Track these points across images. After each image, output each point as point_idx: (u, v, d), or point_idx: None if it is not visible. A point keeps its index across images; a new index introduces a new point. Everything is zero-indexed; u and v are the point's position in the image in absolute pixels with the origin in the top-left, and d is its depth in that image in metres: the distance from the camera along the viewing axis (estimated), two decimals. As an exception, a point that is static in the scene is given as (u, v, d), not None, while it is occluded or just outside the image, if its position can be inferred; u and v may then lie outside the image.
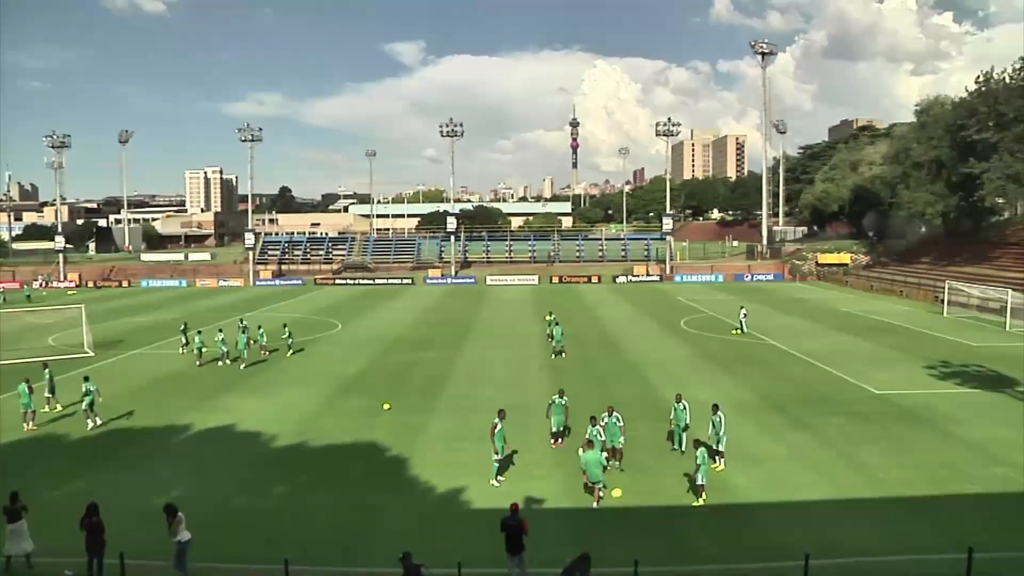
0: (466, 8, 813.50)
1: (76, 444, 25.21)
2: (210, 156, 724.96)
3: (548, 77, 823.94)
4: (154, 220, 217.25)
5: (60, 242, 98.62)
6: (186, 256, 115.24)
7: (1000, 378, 32.61)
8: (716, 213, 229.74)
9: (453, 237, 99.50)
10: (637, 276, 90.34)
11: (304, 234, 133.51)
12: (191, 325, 44.51)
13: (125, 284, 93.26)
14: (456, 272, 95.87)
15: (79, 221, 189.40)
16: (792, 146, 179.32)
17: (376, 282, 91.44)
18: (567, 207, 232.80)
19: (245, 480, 21.43)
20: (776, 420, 26.59)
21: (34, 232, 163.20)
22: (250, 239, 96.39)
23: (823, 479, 20.60)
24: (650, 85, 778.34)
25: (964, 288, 54.48)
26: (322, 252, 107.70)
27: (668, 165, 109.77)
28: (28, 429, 26.47)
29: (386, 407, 28.61)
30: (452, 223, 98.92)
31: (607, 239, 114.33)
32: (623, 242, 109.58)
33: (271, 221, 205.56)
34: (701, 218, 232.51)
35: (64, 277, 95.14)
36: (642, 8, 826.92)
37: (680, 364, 37.19)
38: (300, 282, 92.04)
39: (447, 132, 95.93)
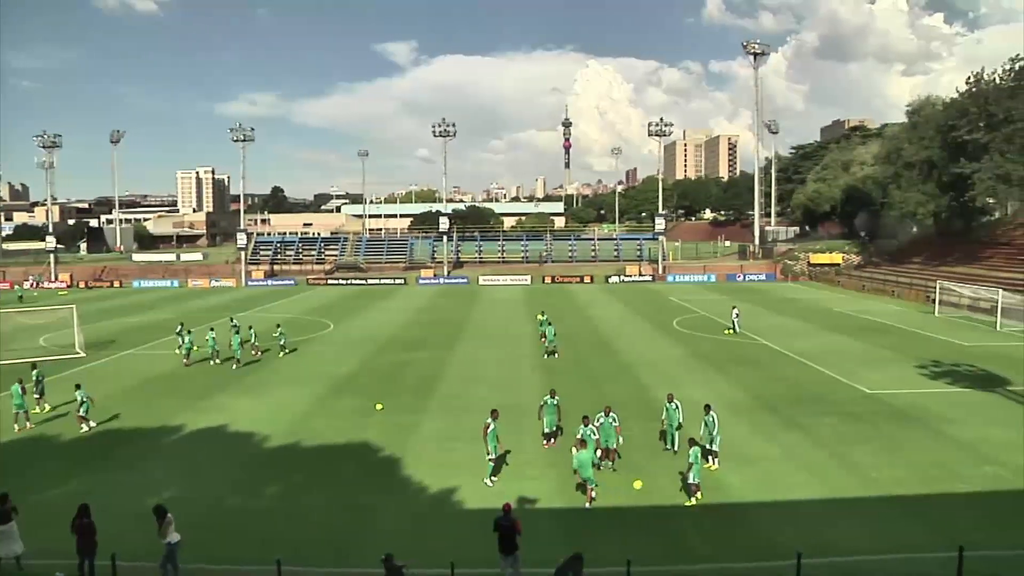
0: (458, 8, 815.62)
1: (68, 445, 25.10)
2: (202, 156, 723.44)
3: (541, 77, 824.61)
4: (146, 220, 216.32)
5: (51, 242, 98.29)
6: (178, 256, 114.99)
7: (991, 377, 32.77)
8: (708, 213, 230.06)
9: (446, 237, 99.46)
10: (630, 276, 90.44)
11: (296, 234, 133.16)
12: (183, 326, 44.30)
13: (117, 284, 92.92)
14: (449, 272, 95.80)
15: (70, 221, 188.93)
16: (784, 146, 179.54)
17: (368, 282, 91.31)
18: (560, 207, 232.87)
19: (238, 480, 21.38)
20: (769, 420, 26.65)
21: (25, 232, 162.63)
22: (242, 239, 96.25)
23: (816, 479, 20.66)
24: (642, 85, 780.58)
25: (955, 288, 54.68)
26: (314, 252, 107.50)
27: (660, 165, 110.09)
28: (18, 431, 26.33)
29: (379, 407, 28.57)
30: (445, 223, 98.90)
31: (600, 239, 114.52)
32: (615, 242, 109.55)
33: (263, 221, 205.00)
34: (693, 218, 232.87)
35: (55, 277, 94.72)
36: (635, 8, 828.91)
37: (673, 364, 37.24)
38: (292, 282, 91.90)
39: (439, 132, 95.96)
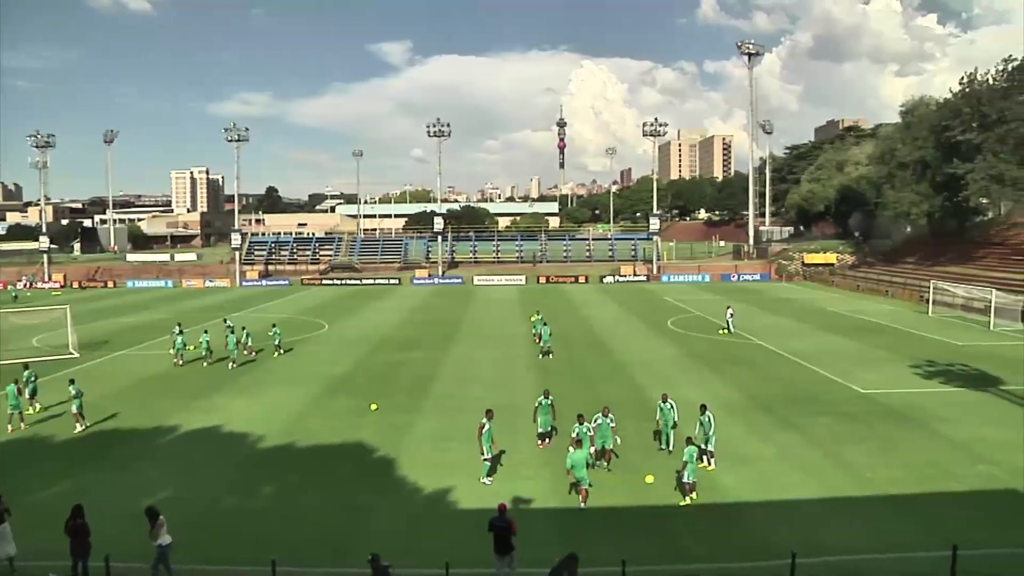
0: (453, 8, 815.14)
1: (62, 445, 25.02)
2: (196, 156, 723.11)
3: (535, 77, 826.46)
4: (140, 220, 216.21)
5: (44, 242, 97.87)
6: (172, 256, 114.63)
7: (985, 377, 32.86)
8: (703, 213, 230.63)
9: (440, 237, 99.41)
10: (624, 276, 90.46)
11: (291, 234, 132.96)
12: (181, 325, 44.06)
13: (110, 285, 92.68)
14: (443, 272, 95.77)
15: (64, 221, 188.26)
16: (778, 146, 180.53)
17: (363, 282, 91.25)
18: (554, 207, 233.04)
19: (233, 480, 21.34)
20: (763, 420, 26.68)
21: (18, 232, 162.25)
22: (237, 239, 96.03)
23: (810, 478, 20.69)
24: (637, 85, 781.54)
25: (949, 288, 54.82)
26: (309, 252, 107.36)
27: (655, 165, 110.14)
28: (11, 431, 26.24)
29: (373, 407, 28.55)
30: (439, 223, 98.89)
31: (594, 239, 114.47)
32: (610, 242, 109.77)
33: (258, 221, 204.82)
34: (688, 218, 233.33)
35: (49, 278, 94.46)
36: (629, 9, 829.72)
37: (667, 364, 37.27)
38: (287, 282, 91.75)
39: (434, 132, 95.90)
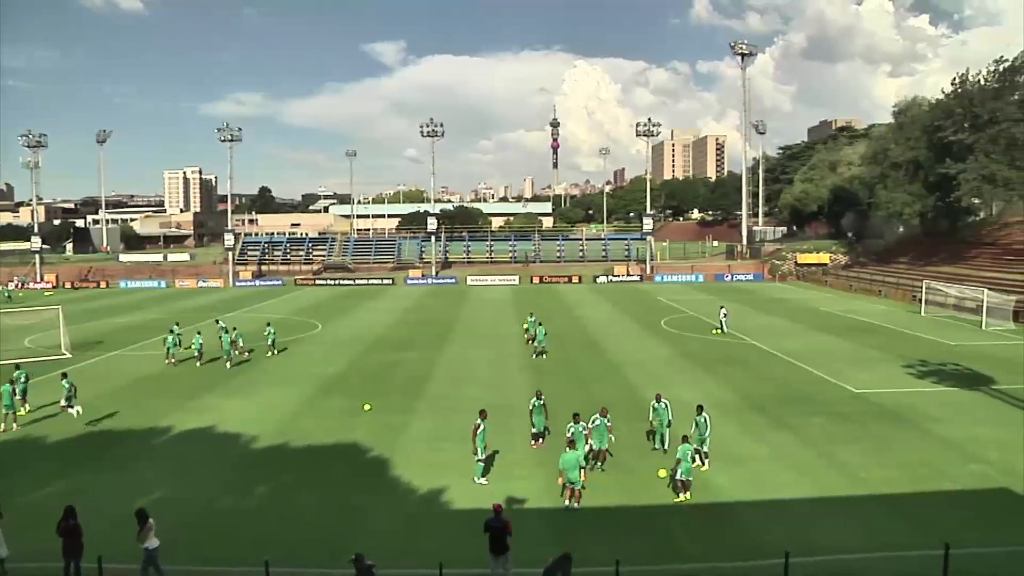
0: (446, 8, 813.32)
1: (56, 446, 24.91)
2: (189, 156, 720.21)
3: (529, 77, 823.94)
4: (132, 220, 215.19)
5: (36, 243, 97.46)
6: (165, 257, 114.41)
7: (977, 376, 33.00)
8: (696, 213, 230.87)
9: (434, 237, 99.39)
10: (618, 276, 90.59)
11: (284, 234, 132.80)
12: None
13: (103, 285, 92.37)
14: (437, 272, 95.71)
15: (56, 221, 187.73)
16: (772, 146, 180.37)
17: (356, 282, 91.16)
18: (548, 207, 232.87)
19: (228, 481, 21.29)
20: (757, 420, 26.74)
21: (9, 232, 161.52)
22: (230, 239, 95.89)
23: (804, 478, 20.74)
24: (630, 85, 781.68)
25: (941, 288, 55.05)
26: (302, 252, 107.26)
27: (648, 165, 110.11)
28: (3, 430, 26.14)
29: (367, 407, 28.52)
30: (433, 223, 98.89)
31: (587, 239, 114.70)
32: (603, 242, 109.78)
33: (251, 221, 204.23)
34: (681, 218, 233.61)
35: (41, 278, 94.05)
36: (622, 9, 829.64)
37: (661, 364, 37.33)
38: (280, 283, 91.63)
39: (428, 132, 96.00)
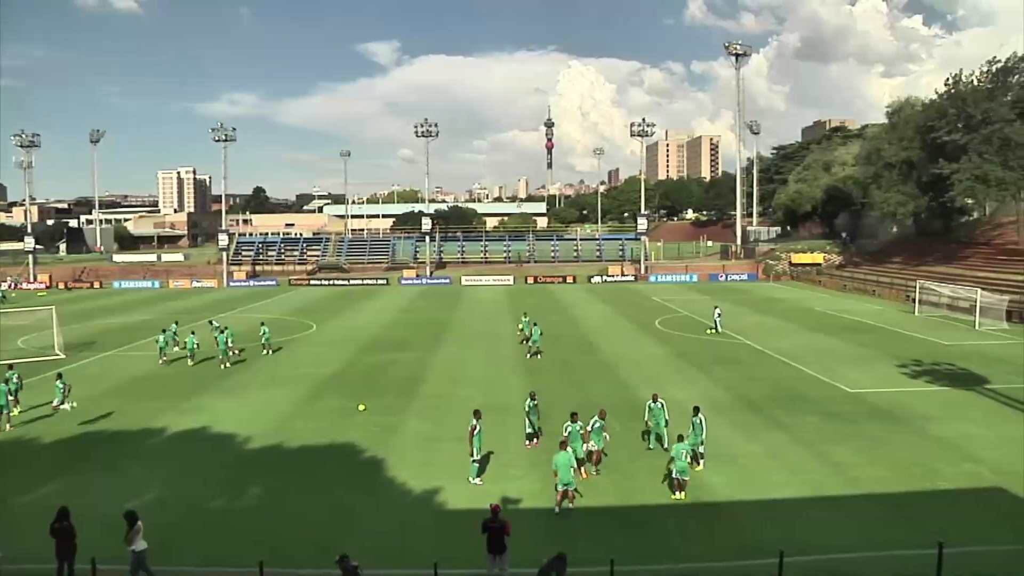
0: (440, 8, 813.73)
1: (49, 447, 24.79)
2: (183, 156, 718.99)
3: (523, 78, 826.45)
4: (126, 221, 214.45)
5: (30, 243, 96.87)
6: (159, 257, 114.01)
7: (970, 376, 33.12)
8: (690, 213, 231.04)
9: (428, 237, 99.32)
10: (612, 276, 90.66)
11: (278, 235, 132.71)
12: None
13: (97, 285, 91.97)
14: (431, 273, 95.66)
15: (49, 222, 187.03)
16: (766, 147, 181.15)
17: (351, 283, 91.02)
18: (542, 207, 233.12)
19: (222, 481, 21.21)
20: (751, 419, 26.77)
21: (2, 232, 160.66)
22: (224, 240, 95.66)
23: (798, 477, 20.77)
24: (625, 86, 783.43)
25: (935, 287, 55.21)
26: (296, 253, 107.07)
27: (643, 165, 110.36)
28: (-3, 432, 26.10)
29: (361, 408, 28.48)
30: (427, 223, 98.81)
31: (582, 239, 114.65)
32: (598, 242, 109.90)
33: (245, 222, 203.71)
34: (675, 218, 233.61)
35: (34, 278, 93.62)
36: (616, 9, 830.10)
37: (655, 364, 37.35)
38: (274, 283, 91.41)
39: (422, 132, 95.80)
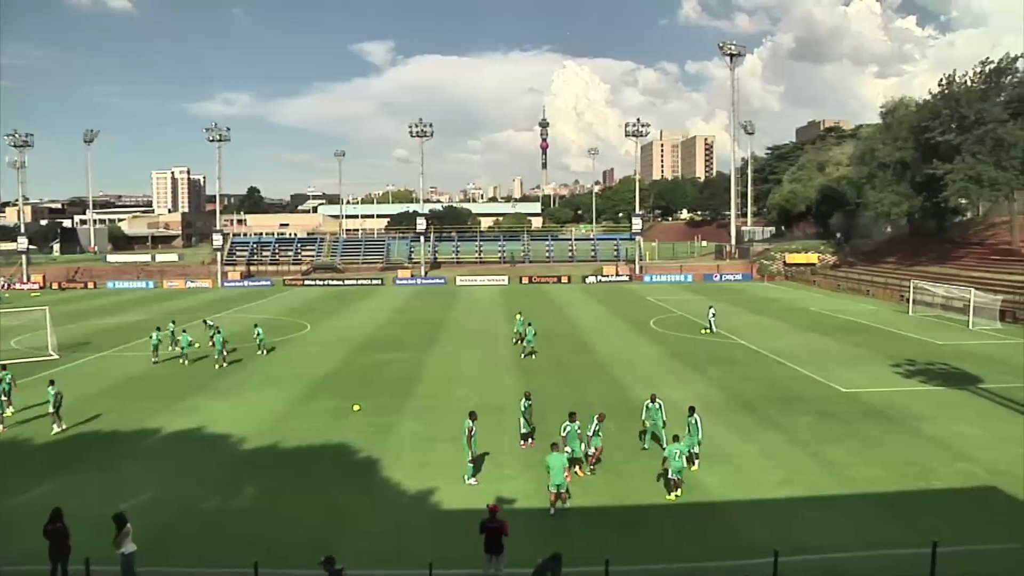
0: (435, 8, 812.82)
1: (43, 448, 24.70)
2: (177, 156, 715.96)
3: (518, 78, 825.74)
4: (120, 221, 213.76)
5: (23, 243, 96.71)
6: (153, 257, 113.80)
7: (964, 375, 33.21)
8: (685, 213, 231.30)
9: (423, 237, 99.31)
10: (607, 276, 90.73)
11: (273, 235, 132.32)
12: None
13: (91, 286, 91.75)
14: (426, 273, 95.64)
15: (43, 222, 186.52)
16: (760, 147, 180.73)
17: (345, 283, 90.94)
18: (537, 207, 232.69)
19: (217, 482, 21.16)
20: (746, 419, 26.81)
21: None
22: (218, 240, 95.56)
23: (792, 477, 20.79)
24: (619, 86, 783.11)
25: (929, 287, 55.37)
26: (291, 253, 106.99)
27: (637, 165, 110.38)
28: (-10, 432, 26.01)
29: (356, 408, 28.44)
30: (422, 223, 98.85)
31: (577, 239, 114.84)
32: (592, 242, 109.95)
33: (239, 222, 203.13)
34: (670, 218, 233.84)
35: (28, 279, 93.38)
36: (610, 10, 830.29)
37: (650, 364, 37.38)
38: (269, 283, 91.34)
39: (416, 132, 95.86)
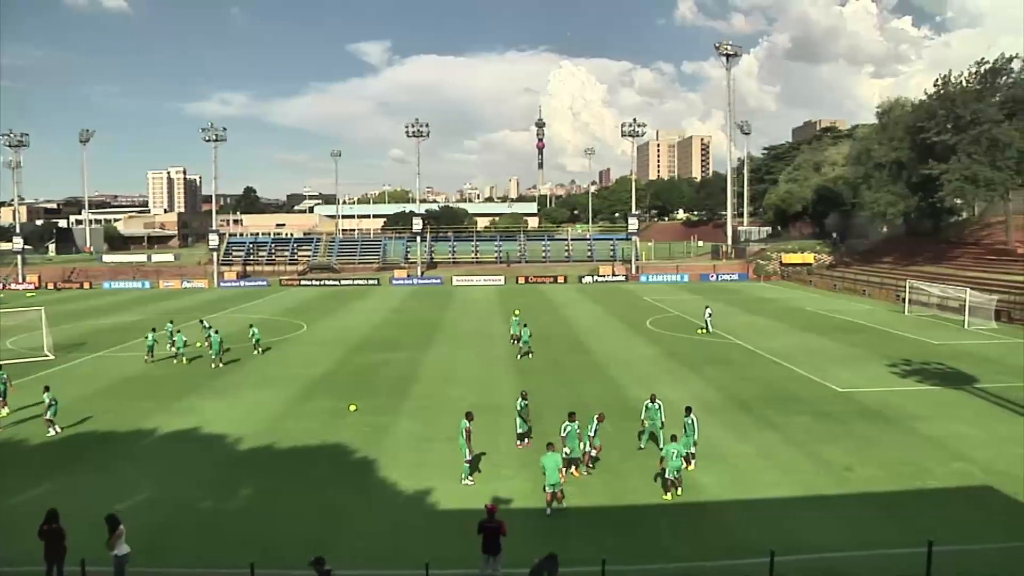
0: (431, 8, 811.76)
1: (38, 448, 24.65)
2: (173, 156, 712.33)
3: (514, 78, 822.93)
4: (116, 221, 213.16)
5: (18, 243, 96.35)
6: (149, 257, 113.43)
7: (959, 375, 33.28)
8: (681, 213, 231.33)
9: (419, 238, 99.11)
10: (603, 276, 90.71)
11: (269, 235, 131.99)
12: (156, 327, 43.49)
13: (86, 286, 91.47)
14: (422, 273, 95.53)
15: (38, 222, 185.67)
16: (756, 147, 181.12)
17: (342, 283, 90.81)
18: (533, 207, 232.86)
19: (213, 482, 21.14)
20: (742, 419, 26.83)
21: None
22: (214, 240, 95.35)
23: (789, 477, 20.83)
24: (616, 86, 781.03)
25: (925, 287, 55.49)
26: (287, 253, 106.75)
27: (634, 165, 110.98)
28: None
29: (353, 408, 28.42)
30: (418, 223, 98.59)
31: (573, 239, 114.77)
32: (589, 242, 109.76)
33: (236, 222, 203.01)
34: (667, 218, 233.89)
35: (23, 279, 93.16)
36: (607, 10, 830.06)
37: (646, 364, 37.39)
38: (265, 283, 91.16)
39: (413, 132, 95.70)
